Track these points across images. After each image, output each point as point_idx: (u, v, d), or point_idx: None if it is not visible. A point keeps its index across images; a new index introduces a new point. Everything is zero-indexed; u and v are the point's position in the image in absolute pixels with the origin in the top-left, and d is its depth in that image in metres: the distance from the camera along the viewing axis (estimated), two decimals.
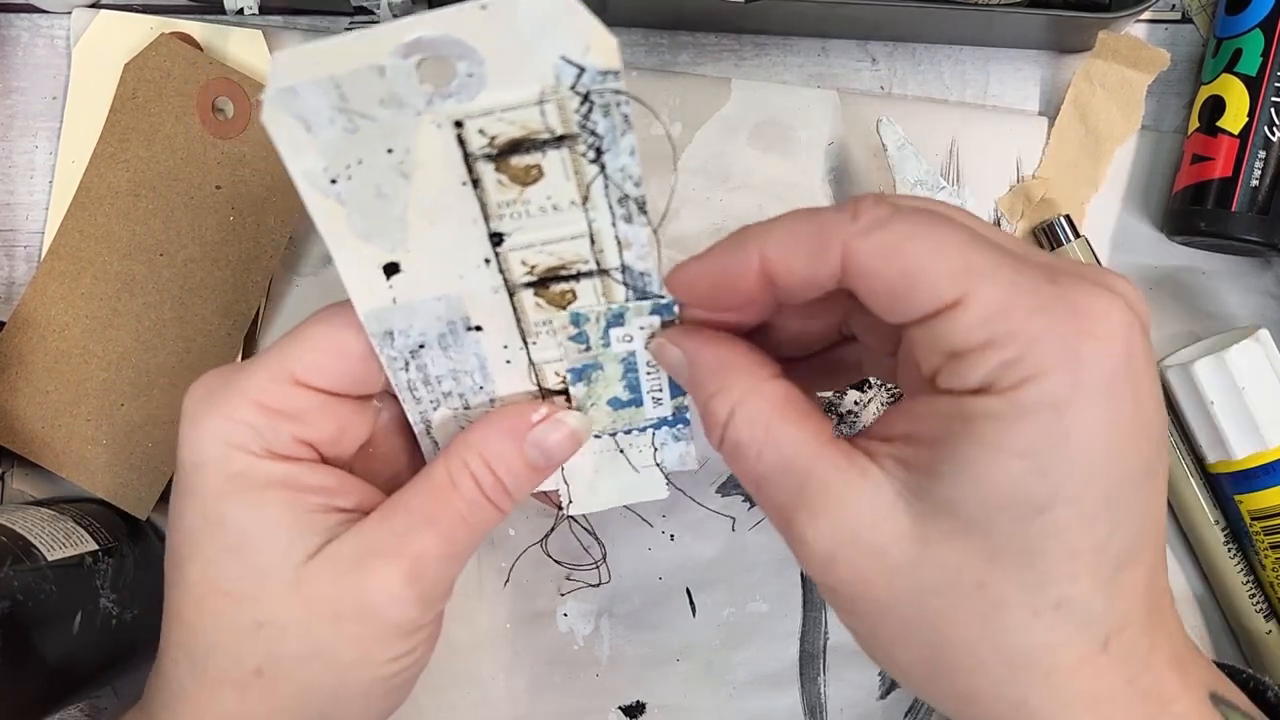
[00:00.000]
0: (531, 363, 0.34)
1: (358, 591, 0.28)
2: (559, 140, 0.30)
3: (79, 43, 0.44)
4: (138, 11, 0.44)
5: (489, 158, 0.31)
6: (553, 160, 0.31)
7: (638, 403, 0.33)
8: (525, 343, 0.34)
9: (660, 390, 0.33)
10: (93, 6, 0.45)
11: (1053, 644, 0.23)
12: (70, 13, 0.45)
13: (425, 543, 0.29)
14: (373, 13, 0.41)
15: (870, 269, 0.25)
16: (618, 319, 0.32)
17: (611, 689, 0.45)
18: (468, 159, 0.31)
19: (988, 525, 0.23)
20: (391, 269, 0.32)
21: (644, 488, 0.37)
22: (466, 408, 0.34)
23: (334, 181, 0.31)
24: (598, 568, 0.45)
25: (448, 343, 0.33)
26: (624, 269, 0.34)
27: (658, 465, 0.37)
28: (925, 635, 0.24)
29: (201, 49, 0.43)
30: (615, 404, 0.33)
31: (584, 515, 0.42)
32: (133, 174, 0.43)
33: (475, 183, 0.31)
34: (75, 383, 0.43)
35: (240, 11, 0.42)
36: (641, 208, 0.32)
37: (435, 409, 0.34)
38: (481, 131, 0.30)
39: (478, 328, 0.33)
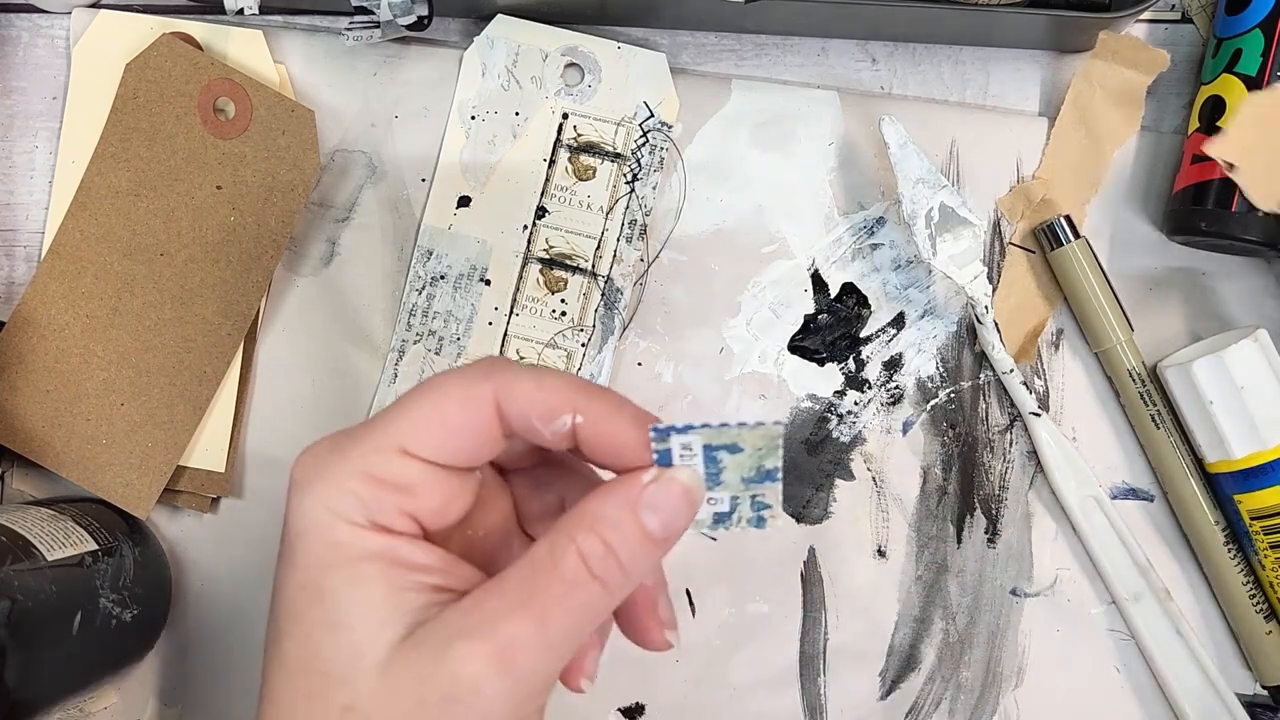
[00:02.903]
0: (506, 332, 0.43)
1: (443, 679, 0.26)
2: (615, 156, 0.44)
3: (79, 43, 0.44)
4: (138, 11, 0.44)
5: (569, 148, 0.44)
6: (605, 169, 0.44)
7: None
8: (511, 311, 0.43)
9: None
10: (93, 6, 0.45)
11: None
12: (70, 13, 0.45)
13: (517, 627, 0.26)
14: (373, 12, 0.41)
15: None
16: None
17: (611, 689, 0.45)
18: (556, 143, 0.44)
19: None
20: (464, 201, 0.44)
21: None
22: (436, 353, 0.43)
23: (473, 118, 0.44)
24: None
25: (461, 284, 0.43)
26: (607, 280, 0.44)
27: None
28: None
29: (202, 49, 0.43)
30: None
31: None
32: (133, 174, 0.43)
33: (551, 163, 0.44)
34: (75, 383, 0.43)
35: (240, 12, 0.42)
36: (642, 234, 0.44)
37: (415, 343, 0.43)
38: (575, 128, 0.44)
39: (488, 281, 0.43)
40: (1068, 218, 0.44)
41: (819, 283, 0.45)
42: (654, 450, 0.27)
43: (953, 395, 0.45)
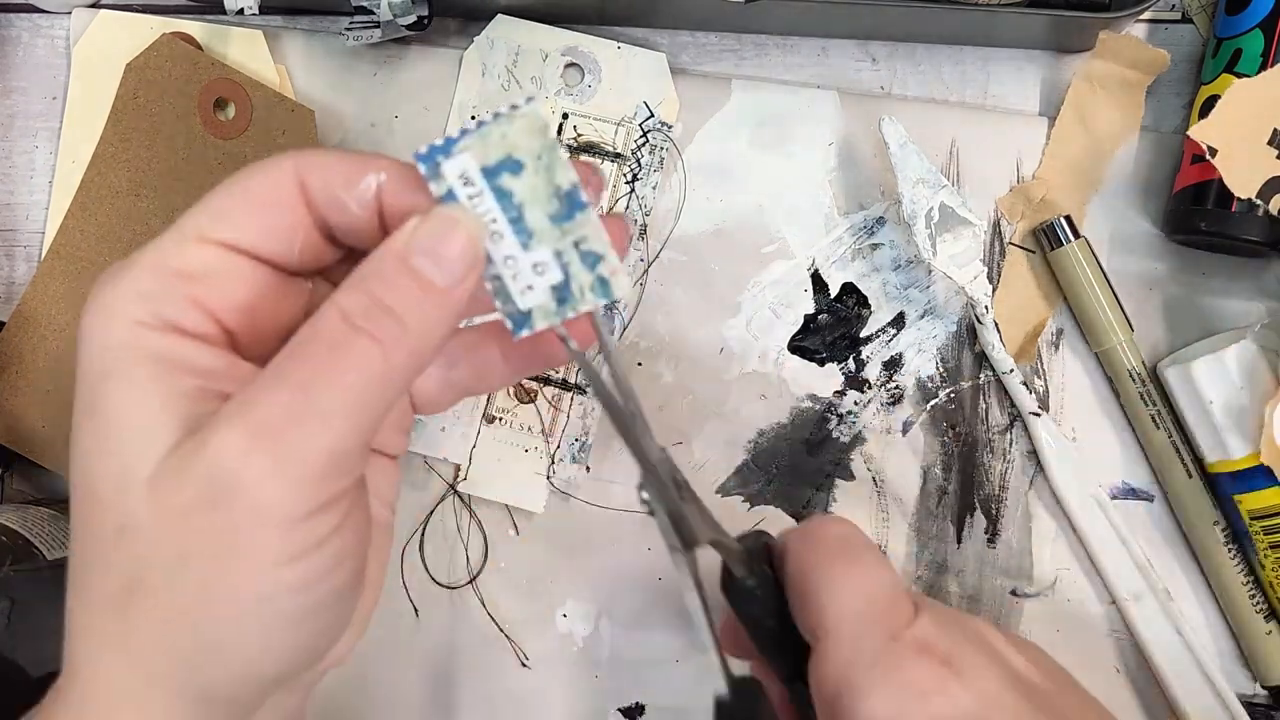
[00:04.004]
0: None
1: (203, 475, 0.22)
2: (615, 156, 0.44)
3: (79, 43, 0.44)
4: (138, 11, 0.44)
5: (569, 148, 0.44)
6: (605, 169, 0.44)
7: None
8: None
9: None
10: (93, 6, 0.45)
11: None
12: (70, 13, 0.45)
13: (273, 399, 0.23)
14: (372, 12, 0.41)
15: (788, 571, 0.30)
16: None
17: (611, 690, 0.45)
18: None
19: None
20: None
21: (527, 495, 0.44)
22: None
23: (473, 118, 0.43)
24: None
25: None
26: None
27: (549, 479, 0.44)
28: None
29: (202, 49, 0.43)
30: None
31: (468, 495, 0.45)
32: (133, 174, 0.43)
33: None
34: (75, 383, 0.43)
35: (240, 12, 0.42)
36: (642, 234, 0.44)
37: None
38: (575, 128, 0.44)
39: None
40: (1068, 218, 0.44)
41: (819, 283, 0.45)
42: (432, 189, 0.25)
43: (953, 395, 0.45)
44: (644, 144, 0.44)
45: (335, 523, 0.24)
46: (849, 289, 0.45)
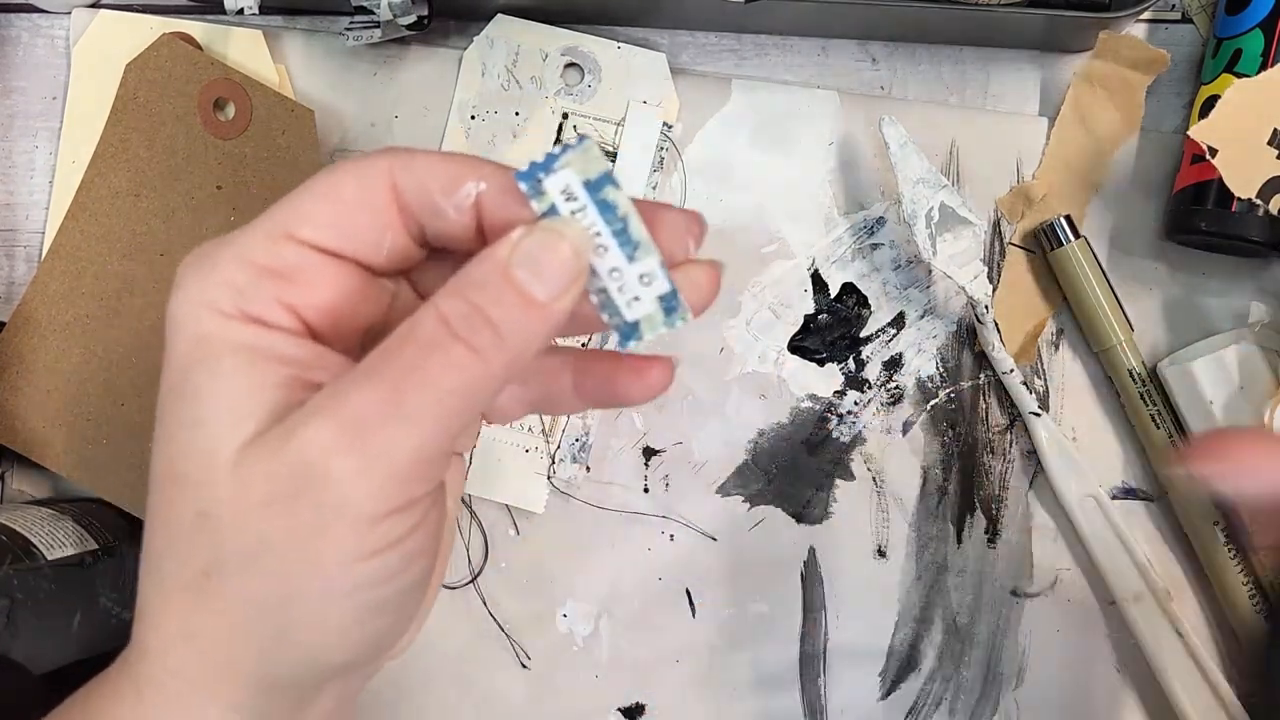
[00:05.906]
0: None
1: (290, 466, 0.23)
2: (615, 156, 0.44)
3: (79, 43, 0.44)
4: (138, 11, 0.44)
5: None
6: None
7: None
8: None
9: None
10: (93, 6, 0.45)
11: None
12: (70, 13, 0.45)
13: (364, 397, 0.23)
14: (373, 12, 0.41)
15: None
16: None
17: (611, 690, 0.45)
18: (556, 143, 0.44)
19: None
20: None
21: (528, 496, 0.44)
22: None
23: (473, 117, 0.44)
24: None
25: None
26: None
27: (549, 479, 0.44)
28: None
29: (202, 49, 0.43)
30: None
31: (468, 495, 0.45)
32: (133, 174, 0.43)
33: None
34: (75, 383, 0.43)
35: (240, 12, 0.41)
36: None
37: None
38: (575, 127, 0.44)
39: None
40: (1068, 218, 0.44)
41: (819, 283, 0.45)
42: (534, 206, 0.25)
43: (953, 395, 0.45)
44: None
45: (413, 523, 0.24)
46: (849, 289, 0.45)
